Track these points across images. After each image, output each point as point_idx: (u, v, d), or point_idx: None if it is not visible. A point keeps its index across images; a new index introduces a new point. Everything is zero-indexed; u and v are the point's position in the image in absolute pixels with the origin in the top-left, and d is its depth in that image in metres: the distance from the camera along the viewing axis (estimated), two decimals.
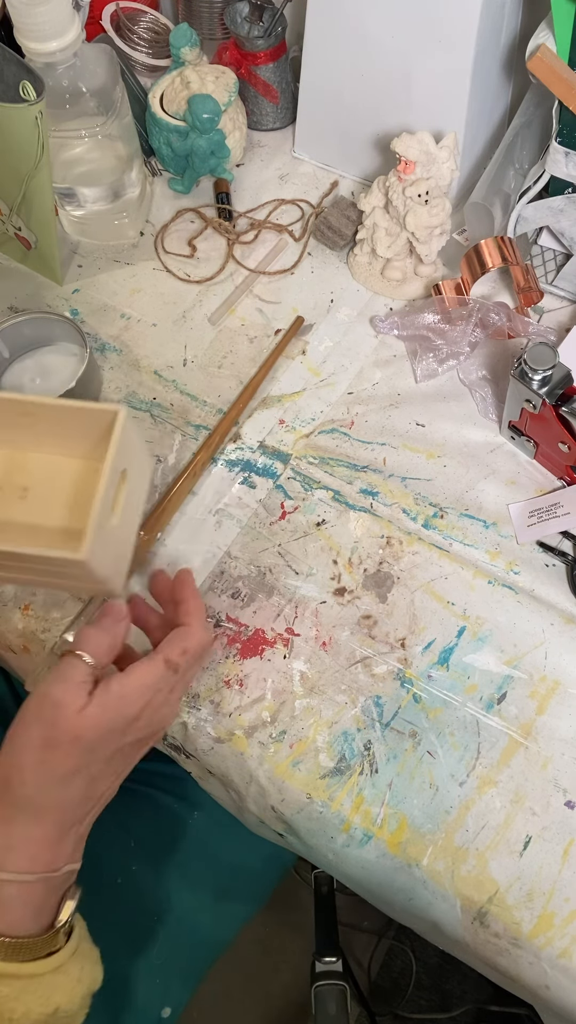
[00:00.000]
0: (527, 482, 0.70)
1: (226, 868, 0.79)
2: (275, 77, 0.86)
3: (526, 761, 0.60)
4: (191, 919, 0.75)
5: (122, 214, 0.81)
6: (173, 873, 0.75)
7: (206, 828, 0.77)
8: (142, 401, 0.75)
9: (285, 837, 0.63)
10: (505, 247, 0.73)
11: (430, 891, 0.57)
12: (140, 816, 0.76)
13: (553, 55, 0.63)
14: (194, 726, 0.62)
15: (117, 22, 0.88)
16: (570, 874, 0.56)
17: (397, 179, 0.72)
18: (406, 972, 1.20)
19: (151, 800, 0.77)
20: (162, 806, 0.77)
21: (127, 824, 0.75)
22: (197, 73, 0.80)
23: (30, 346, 0.76)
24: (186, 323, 0.79)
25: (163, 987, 0.72)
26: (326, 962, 0.87)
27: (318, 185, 0.87)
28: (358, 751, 0.60)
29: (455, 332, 0.73)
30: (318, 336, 0.78)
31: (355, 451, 0.72)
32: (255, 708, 0.62)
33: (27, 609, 0.66)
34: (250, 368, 0.76)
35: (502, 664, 0.63)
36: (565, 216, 0.71)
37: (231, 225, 0.83)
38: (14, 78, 0.64)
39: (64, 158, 0.75)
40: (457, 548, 0.67)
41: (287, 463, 0.72)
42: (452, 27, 0.70)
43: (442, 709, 0.61)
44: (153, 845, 0.75)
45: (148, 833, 0.75)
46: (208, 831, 0.77)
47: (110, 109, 0.72)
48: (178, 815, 0.77)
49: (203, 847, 0.78)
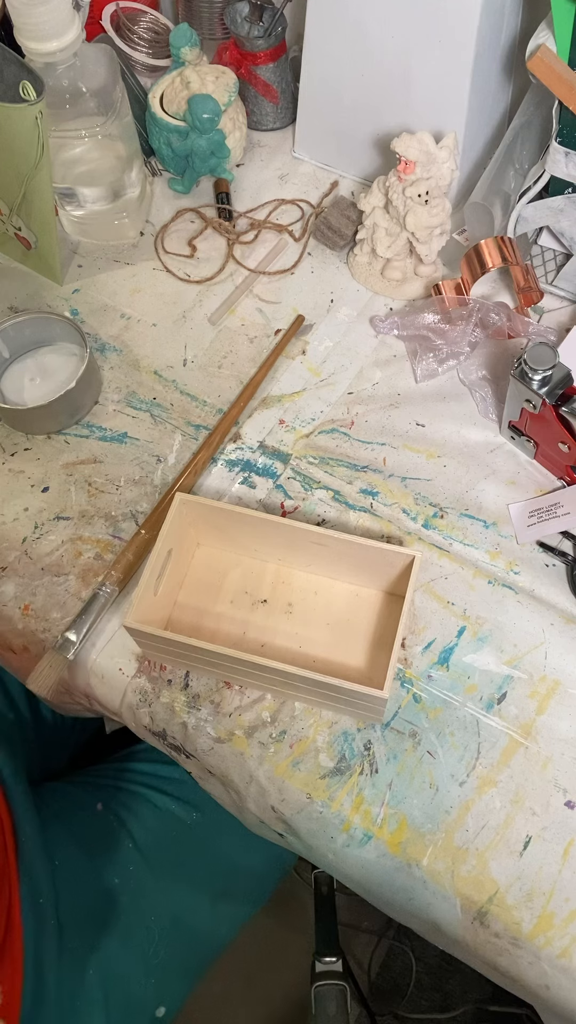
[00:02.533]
0: (527, 482, 0.70)
1: (225, 869, 0.79)
2: (275, 77, 0.86)
3: (526, 761, 0.60)
4: (189, 919, 0.75)
5: (122, 214, 0.81)
6: (171, 874, 0.75)
7: (205, 830, 0.77)
8: (142, 401, 0.75)
9: (285, 837, 0.63)
10: (505, 247, 0.73)
11: (430, 891, 0.57)
12: (139, 817, 0.76)
13: (553, 55, 0.63)
14: (194, 726, 0.62)
15: (117, 22, 0.88)
16: (570, 874, 0.56)
17: (397, 179, 0.72)
18: (406, 972, 1.20)
19: (150, 802, 0.77)
20: (161, 808, 0.77)
21: (126, 825, 0.75)
22: (197, 73, 0.80)
23: (30, 346, 0.76)
24: (186, 323, 0.79)
25: (159, 986, 0.73)
26: (326, 962, 0.87)
27: (318, 185, 0.87)
28: (358, 751, 0.60)
29: (455, 332, 0.73)
30: (318, 336, 0.78)
31: (355, 451, 0.72)
32: (255, 708, 0.62)
33: (27, 609, 0.66)
34: (250, 368, 0.76)
35: (502, 664, 0.63)
36: (565, 216, 0.71)
37: (231, 225, 0.83)
38: (14, 78, 0.64)
39: (64, 158, 0.75)
40: (457, 548, 0.67)
41: (287, 463, 0.72)
42: (452, 27, 0.70)
43: (442, 709, 0.61)
44: (151, 846, 0.75)
45: (146, 834, 0.75)
46: (207, 833, 0.78)
47: (110, 109, 0.72)
48: (177, 817, 0.77)
49: (202, 848, 0.78)
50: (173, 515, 0.61)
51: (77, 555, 0.68)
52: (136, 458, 0.72)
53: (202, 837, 0.77)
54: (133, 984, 0.71)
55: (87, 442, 0.73)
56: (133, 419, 0.74)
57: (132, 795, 0.78)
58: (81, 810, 0.76)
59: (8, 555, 0.68)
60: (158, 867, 0.74)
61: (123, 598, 0.66)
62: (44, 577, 0.67)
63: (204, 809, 0.77)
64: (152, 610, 0.60)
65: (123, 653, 0.64)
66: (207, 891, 0.77)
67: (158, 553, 0.59)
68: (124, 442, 0.73)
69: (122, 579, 0.65)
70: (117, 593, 0.65)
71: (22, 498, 0.71)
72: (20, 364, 0.76)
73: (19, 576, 0.67)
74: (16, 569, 0.67)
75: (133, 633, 0.58)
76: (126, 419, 0.74)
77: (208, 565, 0.66)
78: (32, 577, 0.67)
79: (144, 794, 0.78)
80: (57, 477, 0.71)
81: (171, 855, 0.76)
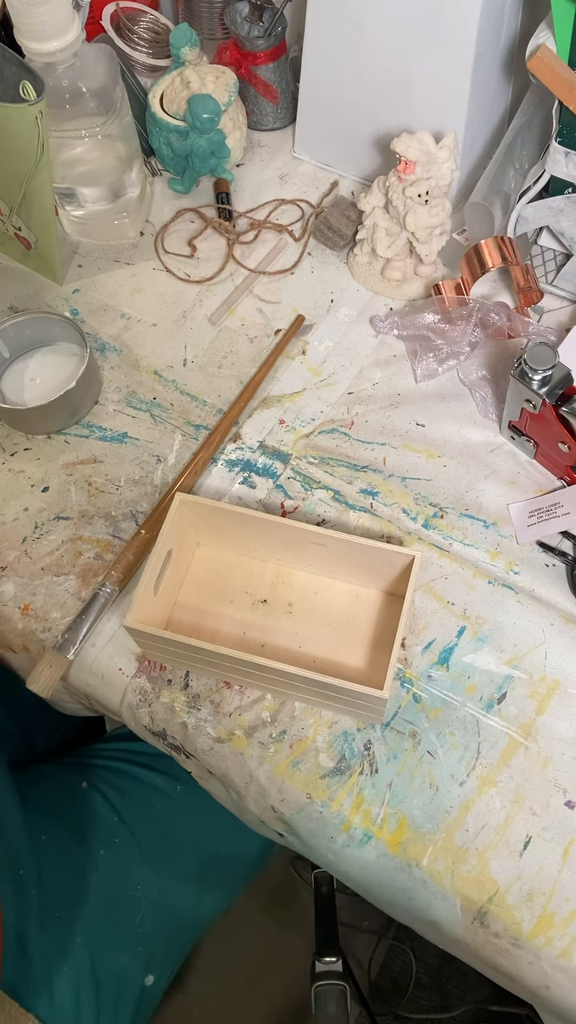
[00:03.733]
0: (527, 482, 0.70)
1: (212, 842, 0.80)
2: (275, 77, 0.86)
3: (526, 761, 0.60)
4: (175, 891, 0.76)
5: (122, 214, 0.81)
6: (157, 846, 0.76)
7: (191, 802, 0.78)
8: (142, 401, 0.75)
9: (285, 837, 0.63)
10: (505, 247, 0.73)
11: (430, 891, 0.57)
12: (122, 793, 0.77)
13: (553, 55, 0.63)
14: (194, 726, 0.62)
15: (117, 22, 0.88)
16: (570, 874, 0.56)
17: (397, 179, 0.72)
18: (406, 972, 1.20)
19: (135, 778, 0.79)
20: (146, 782, 0.78)
21: (109, 800, 0.76)
22: (197, 73, 0.80)
23: (30, 346, 0.76)
24: (186, 323, 0.79)
25: (146, 956, 0.74)
26: (326, 962, 0.87)
27: (318, 185, 0.87)
28: (358, 751, 0.60)
29: (455, 332, 0.73)
30: (318, 336, 0.78)
31: (355, 451, 0.72)
32: (255, 708, 0.62)
33: (27, 609, 0.66)
34: (250, 368, 0.76)
35: (502, 664, 0.63)
36: (565, 216, 0.71)
37: (231, 225, 0.83)
38: (14, 78, 0.64)
39: (64, 158, 0.75)
40: (457, 548, 0.67)
41: (287, 463, 0.72)
42: (452, 27, 0.70)
43: (442, 709, 0.61)
44: (136, 819, 0.76)
45: (131, 808, 0.76)
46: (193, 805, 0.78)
47: (110, 109, 0.72)
48: (161, 790, 0.78)
49: (188, 820, 0.79)
50: (173, 515, 0.61)
51: (77, 555, 0.68)
52: (136, 458, 0.72)
53: (188, 809, 0.78)
54: (120, 953, 0.71)
55: (87, 442, 0.73)
56: (133, 419, 0.74)
57: (116, 772, 0.79)
58: (65, 788, 0.77)
59: (8, 555, 0.68)
60: (143, 839, 0.75)
61: (123, 598, 0.66)
62: (44, 577, 0.67)
63: (187, 782, 0.77)
64: (152, 610, 0.60)
65: (123, 653, 0.64)
66: (195, 863, 0.78)
67: (158, 553, 0.59)
68: (124, 442, 0.73)
69: (122, 579, 0.65)
70: (117, 593, 0.65)
71: (22, 498, 0.71)
72: (20, 364, 0.76)
73: (19, 576, 0.67)
74: (16, 569, 0.67)
75: (133, 633, 0.58)
76: (126, 419, 0.74)
77: (208, 565, 0.66)
78: (32, 577, 0.67)
79: (128, 770, 0.79)
80: (57, 477, 0.71)
81: (157, 828, 0.77)
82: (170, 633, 0.57)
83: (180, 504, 0.61)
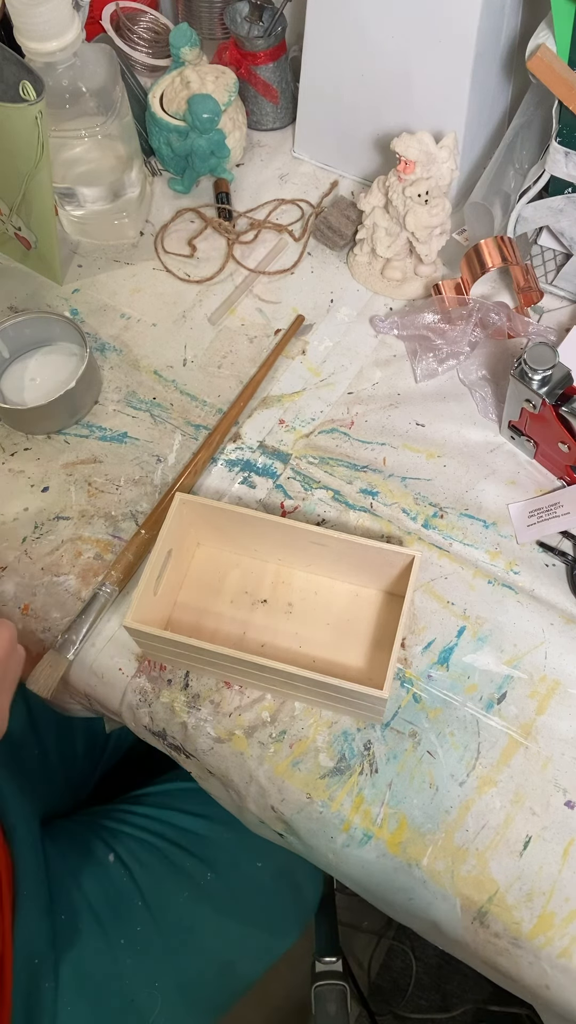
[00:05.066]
0: (527, 482, 0.70)
1: (237, 936, 0.75)
2: (275, 77, 0.86)
3: (526, 761, 0.60)
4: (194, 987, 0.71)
5: (122, 214, 0.81)
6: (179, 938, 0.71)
7: (219, 892, 0.74)
8: (142, 401, 0.75)
9: (285, 837, 0.63)
10: (505, 247, 0.73)
11: (430, 891, 0.57)
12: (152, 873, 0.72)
13: (553, 55, 0.63)
14: (194, 726, 0.62)
15: (117, 22, 0.88)
16: (570, 874, 0.56)
17: (397, 179, 0.72)
18: (406, 972, 1.20)
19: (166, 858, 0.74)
20: (176, 864, 0.73)
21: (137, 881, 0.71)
22: (197, 73, 0.80)
23: (30, 346, 0.76)
24: (186, 323, 0.79)
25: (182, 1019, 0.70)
26: (326, 962, 0.87)
27: (318, 185, 0.87)
28: (358, 751, 0.60)
29: (455, 332, 0.73)
30: (318, 336, 0.78)
31: (355, 451, 0.72)
32: (255, 708, 0.62)
33: (27, 609, 0.66)
34: (250, 368, 0.76)
35: (502, 664, 0.63)
36: (565, 216, 0.71)
37: (231, 225, 0.83)
38: (14, 78, 0.64)
39: (64, 158, 0.75)
40: (457, 548, 0.67)
41: (287, 463, 0.72)
42: (452, 27, 0.70)
43: (442, 709, 0.61)
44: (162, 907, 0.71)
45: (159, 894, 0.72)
46: (221, 896, 0.74)
47: (110, 109, 0.72)
48: (191, 877, 0.73)
49: (215, 913, 0.73)
50: (173, 515, 0.61)
51: (77, 555, 0.68)
52: (136, 458, 0.72)
53: (215, 903, 0.74)
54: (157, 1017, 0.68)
55: (87, 442, 0.73)
56: (133, 419, 0.74)
57: (145, 846, 0.74)
58: (87, 853, 0.72)
59: (8, 555, 0.68)
60: (167, 932, 0.70)
61: (123, 598, 0.66)
62: (44, 577, 0.67)
63: (219, 868, 0.74)
64: (152, 610, 0.60)
65: (123, 653, 0.64)
66: (216, 958, 0.73)
67: (158, 553, 0.59)
68: (124, 442, 0.73)
69: (122, 579, 0.65)
70: (117, 593, 0.65)
71: (22, 498, 0.71)
72: (20, 364, 0.76)
73: (19, 576, 0.67)
74: (16, 569, 0.67)
75: (133, 633, 0.58)
76: (126, 419, 0.74)
77: (208, 565, 0.66)
78: (32, 577, 0.67)
79: (160, 847, 0.74)
80: (57, 477, 0.71)
81: (182, 923, 0.72)
82: (170, 633, 0.57)
83: (180, 504, 0.61)
